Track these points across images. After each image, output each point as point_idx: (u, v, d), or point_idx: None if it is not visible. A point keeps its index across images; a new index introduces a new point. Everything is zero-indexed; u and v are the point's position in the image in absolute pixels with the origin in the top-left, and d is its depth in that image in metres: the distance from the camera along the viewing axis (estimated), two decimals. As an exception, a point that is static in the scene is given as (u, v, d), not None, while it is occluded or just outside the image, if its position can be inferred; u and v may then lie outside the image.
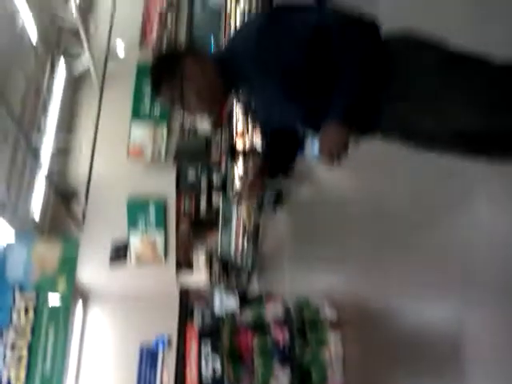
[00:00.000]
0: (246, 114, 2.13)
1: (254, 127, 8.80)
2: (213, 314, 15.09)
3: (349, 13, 1.60)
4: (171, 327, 13.61)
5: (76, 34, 9.05)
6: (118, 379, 12.89)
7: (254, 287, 12.08)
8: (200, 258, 12.21)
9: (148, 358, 13.64)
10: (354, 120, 1.58)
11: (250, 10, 9.61)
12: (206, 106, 1.73)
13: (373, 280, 4.30)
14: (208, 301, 14.01)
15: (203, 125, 12.31)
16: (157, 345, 13.30)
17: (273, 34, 1.56)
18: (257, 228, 10.26)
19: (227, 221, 11.38)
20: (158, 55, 1.77)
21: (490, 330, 2.46)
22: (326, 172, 5.96)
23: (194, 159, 10.44)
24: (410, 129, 1.68)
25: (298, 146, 2.02)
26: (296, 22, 1.57)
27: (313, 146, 5.89)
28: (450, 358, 2.84)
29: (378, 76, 1.55)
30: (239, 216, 10.62)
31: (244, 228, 11.18)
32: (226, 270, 12.44)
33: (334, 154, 1.59)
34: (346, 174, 5.11)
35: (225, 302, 9.26)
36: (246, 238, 11.16)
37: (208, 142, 10.35)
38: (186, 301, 14.71)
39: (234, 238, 11.38)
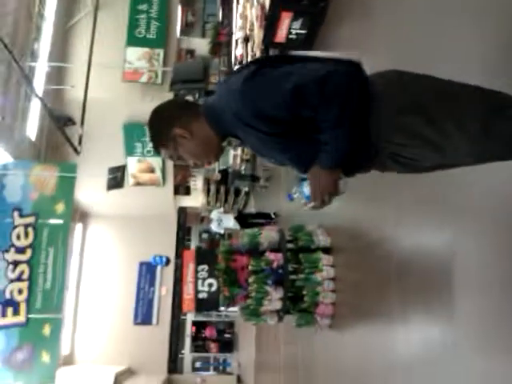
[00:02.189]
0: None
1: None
2: (210, 234, 15.50)
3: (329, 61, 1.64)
4: (169, 246, 14.06)
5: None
6: (118, 292, 13.45)
7: (251, 210, 12.25)
8: (197, 183, 12.33)
9: (147, 274, 14.20)
10: (342, 164, 1.63)
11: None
12: (205, 159, 1.83)
13: (368, 210, 4.38)
14: (205, 221, 14.37)
15: (202, 46, 12.02)
16: (155, 261, 13.80)
17: (255, 90, 1.59)
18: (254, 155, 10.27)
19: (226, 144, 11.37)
20: (153, 112, 1.83)
21: (480, 259, 2.56)
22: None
23: (191, 82, 10.23)
24: (412, 165, 1.71)
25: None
26: (277, 79, 1.59)
27: (303, 188, 6.14)
28: (439, 284, 2.96)
29: (364, 116, 1.57)
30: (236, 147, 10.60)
31: (241, 159, 11.21)
32: (223, 193, 12.56)
33: (325, 198, 1.68)
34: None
35: (223, 222, 9.18)
36: (243, 160, 11.19)
37: (206, 65, 10.11)
38: (184, 221, 15.08)
39: (231, 160, 11.42)
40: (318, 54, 1.82)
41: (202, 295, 5.32)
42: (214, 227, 9.65)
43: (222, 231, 10.06)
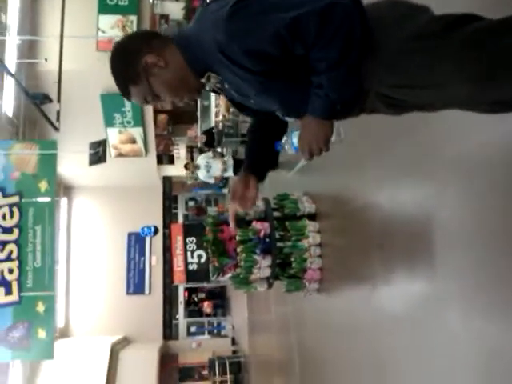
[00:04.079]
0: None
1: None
2: (196, 201, 15.45)
3: None
4: (157, 217, 14.09)
5: None
6: (109, 264, 13.53)
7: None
8: (181, 152, 12.23)
9: (136, 244, 14.27)
10: (337, 112, 1.46)
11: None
12: (185, 94, 1.59)
13: (351, 175, 4.43)
14: (190, 189, 14.29)
15: (176, 10, 11.70)
16: (144, 232, 13.84)
17: (244, 20, 1.39)
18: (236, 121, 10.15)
19: (205, 109, 11.19)
20: (114, 49, 1.58)
21: (462, 216, 2.62)
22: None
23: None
24: (400, 106, 1.57)
25: (284, 129, 1.82)
26: (269, 9, 1.39)
27: (292, 138, 5.49)
28: (421, 244, 3.04)
29: (363, 60, 1.39)
30: (218, 104, 10.42)
31: (223, 116, 11.04)
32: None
33: (314, 149, 1.51)
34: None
35: (212, 169, 8.03)
36: (225, 124, 11.00)
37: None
38: (170, 190, 15.08)
39: (213, 118, 11.13)
40: None
41: (191, 267, 5.39)
42: (201, 175, 8.39)
43: (211, 180, 8.89)
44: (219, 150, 10.38)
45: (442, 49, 1.37)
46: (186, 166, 9.96)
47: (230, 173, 7.86)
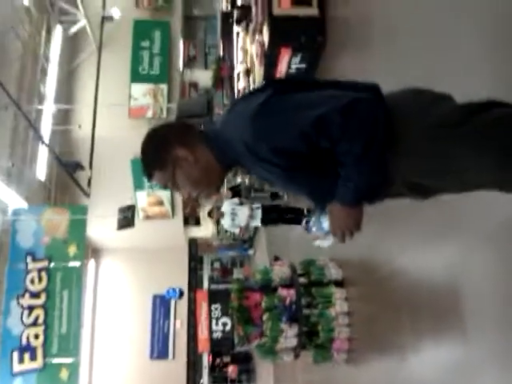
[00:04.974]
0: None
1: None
2: (221, 262, 15.34)
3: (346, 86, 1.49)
4: (182, 279, 14.06)
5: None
6: (133, 327, 13.41)
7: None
8: (207, 213, 12.30)
9: (161, 307, 14.16)
10: (364, 200, 1.52)
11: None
12: (202, 190, 1.64)
13: (376, 241, 4.39)
14: (216, 250, 14.22)
15: (204, 78, 12.12)
16: (169, 294, 13.76)
17: (271, 119, 1.44)
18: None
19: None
20: (150, 133, 1.64)
21: (489, 280, 2.56)
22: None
23: (197, 116, 10.26)
24: (424, 191, 1.61)
25: None
26: (295, 109, 1.45)
27: (322, 223, 4.97)
28: (451, 311, 2.97)
29: (387, 150, 1.42)
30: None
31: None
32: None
33: (346, 233, 1.56)
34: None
35: (238, 217, 7.26)
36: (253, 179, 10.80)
37: (210, 98, 10.21)
38: (195, 252, 15.11)
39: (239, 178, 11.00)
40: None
41: (216, 335, 5.30)
42: (226, 224, 7.73)
43: (236, 229, 8.45)
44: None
45: (463, 135, 1.40)
46: (209, 214, 9.49)
47: (257, 222, 7.11)
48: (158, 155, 1.58)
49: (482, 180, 1.47)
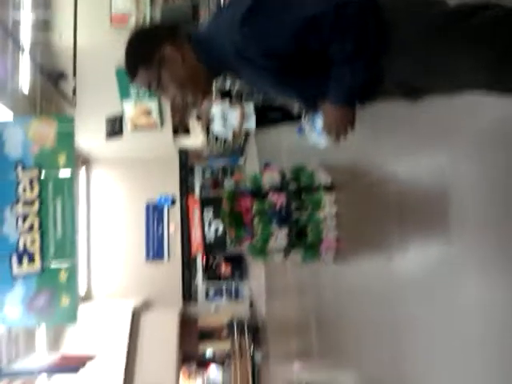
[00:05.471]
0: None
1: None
2: (212, 172, 15.44)
3: None
4: (174, 187, 14.23)
5: None
6: (128, 233, 13.79)
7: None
8: (196, 123, 12.20)
9: (154, 213, 14.47)
10: (356, 99, 1.52)
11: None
12: (186, 94, 1.60)
13: (367, 146, 4.43)
14: (206, 159, 14.29)
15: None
16: (161, 202, 14.02)
17: (260, 23, 1.42)
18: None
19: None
20: (136, 31, 1.60)
21: (477, 186, 2.65)
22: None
23: (181, 23, 9.73)
24: (415, 91, 1.61)
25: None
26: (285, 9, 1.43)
27: (315, 123, 4.86)
28: (437, 215, 3.10)
29: (379, 47, 1.42)
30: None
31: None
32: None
33: (340, 133, 1.58)
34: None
35: (229, 120, 6.79)
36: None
37: (195, 3, 9.69)
38: (186, 161, 15.13)
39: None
40: None
41: (209, 239, 5.50)
42: (216, 127, 7.25)
43: (228, 134, 7.64)
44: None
45: (457, 35, 1.40)
46: (198, 117, 9.09)
47: (250, 123, 6.53)
48: (144, 51, 1.55)
49: (472, 80, 1.47)
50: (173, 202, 13.40)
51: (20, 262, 7.32)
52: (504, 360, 2.37)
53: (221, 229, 5.56)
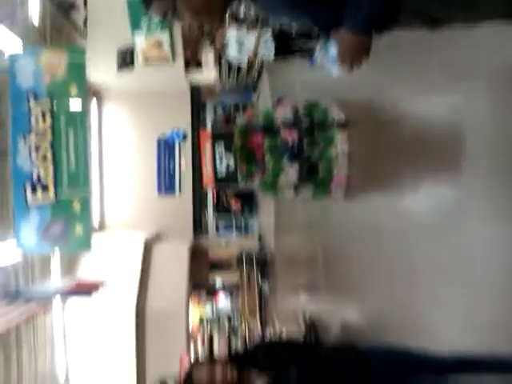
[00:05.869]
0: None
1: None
2: (224, 108, 15.23)
3: None
4: (185, 122, 14.10)
5: None
6: (140, 169, 13.88)
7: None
8: (209, 56, 11.90)
9: (165, 148, 14.45)
10: (373, 28, 1.51)
11: None
12: (202, 20, 1.61)
13: (383, 82, 4.35)
14: (219, 96, 14.06)
15: None
16: (172, 137, 13.95)
17: None
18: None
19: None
20: None
21: (491, 124, 2.63)
22: None
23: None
24: (434, 21, 1.57)
25: None
26: None
27: (329, 51, 4.86)
28: (450, 156, 3.10)
29: None
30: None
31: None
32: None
33: (354, 62, 1.56)
34: None
35: (245, 44, 6.43)
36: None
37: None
38: (198, 97, 14.89)
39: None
40: None
41: (220, 174, 5.52)
42: (231, 52, 6.81)
43: (243, 59, 7.18)
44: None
45: None
46: (212, 41, 8.81)
47: (268, 51, 6.14)
48: None
49: (491, 9, 1.45)
50: (184, 137, 13.31)
51: (34, 191, 7.43)
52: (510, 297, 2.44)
53: (232, 164, 5.57)
